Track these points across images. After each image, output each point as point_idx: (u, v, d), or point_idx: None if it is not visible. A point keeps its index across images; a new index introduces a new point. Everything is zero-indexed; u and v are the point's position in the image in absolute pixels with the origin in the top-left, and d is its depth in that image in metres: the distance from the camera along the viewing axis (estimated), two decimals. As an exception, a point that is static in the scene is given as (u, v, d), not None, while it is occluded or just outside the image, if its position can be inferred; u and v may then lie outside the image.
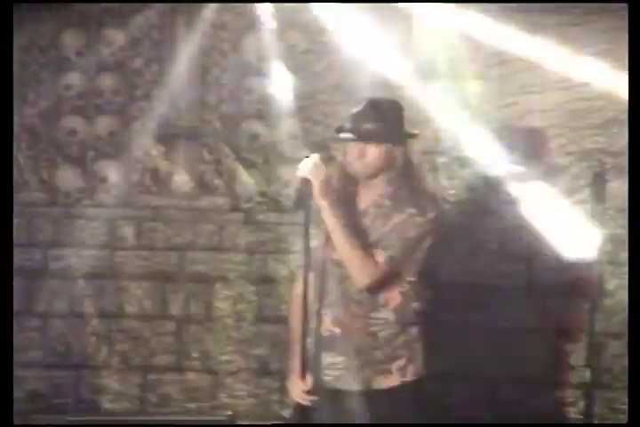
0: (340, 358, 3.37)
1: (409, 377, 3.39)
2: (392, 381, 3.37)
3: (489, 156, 4.62)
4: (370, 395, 3.36)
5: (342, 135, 3.41)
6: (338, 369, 3.37)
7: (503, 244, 4.63)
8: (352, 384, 3.37)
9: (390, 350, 3.38)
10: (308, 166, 3.31)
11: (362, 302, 3.37)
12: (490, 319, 4.58)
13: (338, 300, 3.36)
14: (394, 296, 3.39)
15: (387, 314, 3.38)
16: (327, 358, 3.38)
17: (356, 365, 3.35)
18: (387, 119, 3.38)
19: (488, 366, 4.56)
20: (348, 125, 3.40)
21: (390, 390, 3.37)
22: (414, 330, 3.42)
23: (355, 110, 3.43)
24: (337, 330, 3.38)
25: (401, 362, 3.39)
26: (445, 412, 4.47)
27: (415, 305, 3.43)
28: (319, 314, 3.39)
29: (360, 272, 3.32)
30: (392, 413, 3.35)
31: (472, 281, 4.57)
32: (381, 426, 3.35)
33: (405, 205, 3.37)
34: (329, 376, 3.38)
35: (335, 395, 3.38)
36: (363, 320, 3.37)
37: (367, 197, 3.43)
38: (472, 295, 4.57)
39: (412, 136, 3.45)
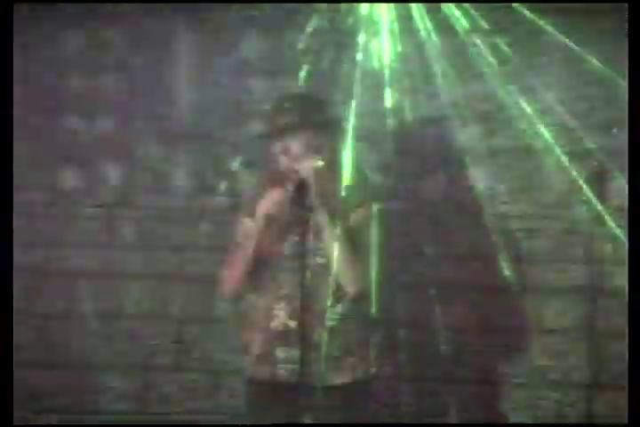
0: (294, 352, 3.35)
1: (361, 375, 3.39)
2: (344, 377, 3.37)
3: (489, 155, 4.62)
4: (323, 390, 3.35)
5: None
6: (292, 364, 3.35)
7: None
8: (306, 379, 3.36)
9: (345, 347, 3.38)
10: (306, 167, 3.31)
11: (318, 295, 3.35)
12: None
13: (293, 293, 3.34)
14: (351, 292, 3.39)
15: (342, 309, 3.38)
16: (282, 353, 3.37)
17: (311, 359, 3.34)
18: (310, 109, 3.38)
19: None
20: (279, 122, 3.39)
21: (342, 387, 3.37)
22: (369, 328, 3.42)
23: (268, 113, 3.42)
24: (292, 323, 3.36)
25: (354, 359, 3.39)
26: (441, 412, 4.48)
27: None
28: (270, 309, 3.37)
29: (355, 278, 3.33)
30: (344, 409, 3.36)
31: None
32: (376, 426, 3.35)
33: (346, 203, 3.36)
34: (284, 371, 3.37)
35: (289, 390, 3.35)
36: (319, 314, 3.36)
37: (314, 195, 3.40)
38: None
39: (332, 122, 3.43)
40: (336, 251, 3.30)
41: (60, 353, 4.82)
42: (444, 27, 4.56)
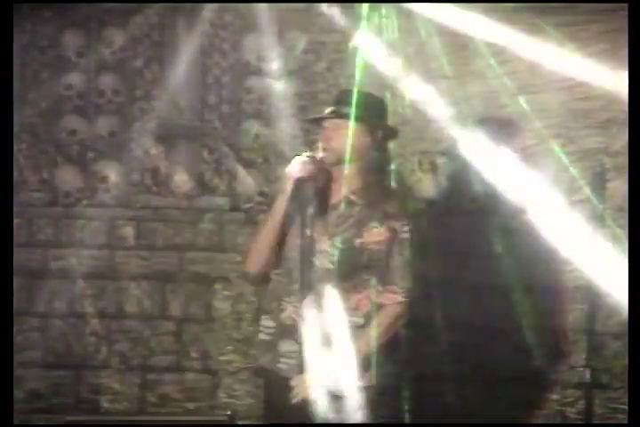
0: (296, 347, 3.31)
1: (364, 383, 3.31)
2: (363, 380, 3.30)
3: (489, 156, 4.62)
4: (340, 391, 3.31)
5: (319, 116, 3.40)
6: (293, 358, 3.32)
7: (505, 245, 4.63)
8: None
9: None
10: (299, 166, 3.31)
11: (327, 294, 3.31)
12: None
13: (302, 288, 3.29)
14: (365, 303, 3.33)
15: (357, 319, 3.32)
16: (286, 346, 3.34)
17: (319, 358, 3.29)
18: (364, 105, 3.35)
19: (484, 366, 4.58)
20: (325, 111, 3.39)
21: (363, 389, 3.31)
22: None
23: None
24: (299, 318, 3.31)
25: (372, 361, 3.35)
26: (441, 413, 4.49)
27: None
28: (281, 300, 3.34)
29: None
30: (362, 411, 3.32)
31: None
32: (380, 426, 3.32)
33: (379, 211, 3.32)
34: (284, 364, 3.34)
35: (287, 384, 3.31)
36: (330, 313, 3.32)
37: (339, 192, 3.39)
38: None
39: (390, 128, 3.42)
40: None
41: (60, 353, 4.82)
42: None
